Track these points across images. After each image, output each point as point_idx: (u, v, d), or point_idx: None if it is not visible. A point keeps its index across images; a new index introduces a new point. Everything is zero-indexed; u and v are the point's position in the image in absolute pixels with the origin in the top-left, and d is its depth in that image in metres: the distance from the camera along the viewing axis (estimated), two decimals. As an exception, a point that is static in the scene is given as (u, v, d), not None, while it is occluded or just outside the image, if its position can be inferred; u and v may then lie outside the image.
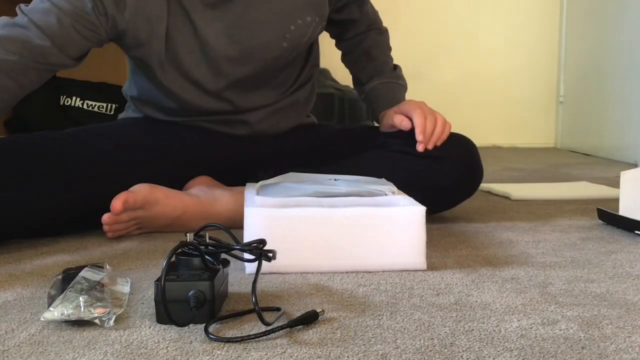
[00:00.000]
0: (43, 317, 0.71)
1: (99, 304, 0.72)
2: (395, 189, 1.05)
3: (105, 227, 1.16)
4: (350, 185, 1.06)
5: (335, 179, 1.11)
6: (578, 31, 3.27)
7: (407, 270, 0.94)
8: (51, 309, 0.72)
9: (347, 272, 0.93)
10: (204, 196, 1.23)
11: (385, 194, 1.02)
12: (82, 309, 0.71)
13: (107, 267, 0.89)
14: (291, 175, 1.18)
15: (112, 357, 0.64)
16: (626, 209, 1.23)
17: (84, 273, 0.83)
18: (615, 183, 1.68)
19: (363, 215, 0.93)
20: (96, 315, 0.71)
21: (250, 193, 1.04)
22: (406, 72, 1.39)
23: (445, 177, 1.23)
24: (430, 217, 1.34)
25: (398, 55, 1.39)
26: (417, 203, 0.97)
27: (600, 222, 1.30)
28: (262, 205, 0.95)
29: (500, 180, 2.00)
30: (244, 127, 1.34)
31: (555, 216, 1.39)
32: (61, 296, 0.75)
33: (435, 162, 1.23)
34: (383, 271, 0.93)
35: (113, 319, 0.71)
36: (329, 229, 0.92)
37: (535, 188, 1.77)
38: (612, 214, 1.26)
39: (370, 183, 1.08)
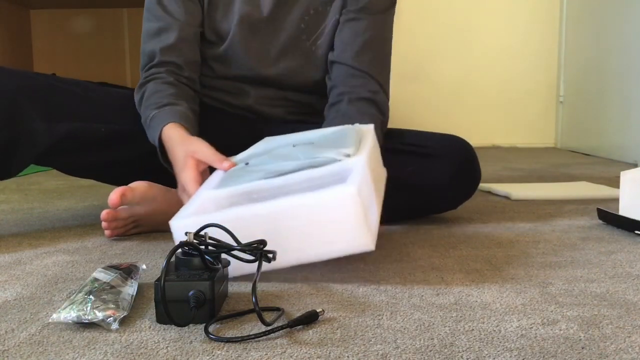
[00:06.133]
0: (51, 319, 0.71)
1: (104, 306, 0.73)
2: (356, 143, 0.99)
3: (104, 225, 1.16)
4: (307, 154, 0.99)
5: (294, 145, 1.05)
6: (578, 31, 3.27)
7: (355, 253, 0.87)
8: (59, 310, 0.72)
9: (292, 266, 0.88)
10: None
11: (339, 160, 0.95)
12: (87, 311, 0.71)
13: (144, 266, 0.90)
14: (264, 141, 1.16)
15: (112, 357, 0.64)
16: (626, 209, 1.23)
17: (97, 274, 0.83)
18: (615, 183, 1.68)
19: (291, 206, 0.85)
20: (101, 317, 0.71)
21: (205, 186, 1.00)
22: (407, 72, 1.38)
23: (439, 176, 1.22)
24: (431, 217, 1.34)
25: (399, 56, 1.39)
26: (356, 180, 0.86)
27: (600, 222, 1.30)
28: (188, 215, 0.90)
29: (500, 180, 2.00)
30: (245, 98, 1.37)
31: (555, 216, 1.39)
32: (71, 297, 0.75)
33: (427, 161, 1.22)
34: (330, 258, 0.88)
35: (117, 321, 0.71)
36: (261, 225, 0.85)
37: (535, 188, 1.77)
38: (612, 214, 1.26)
39: (330, 146, 1.02)
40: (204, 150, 1.07)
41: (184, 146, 1.09)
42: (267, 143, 1.14)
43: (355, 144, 1.00)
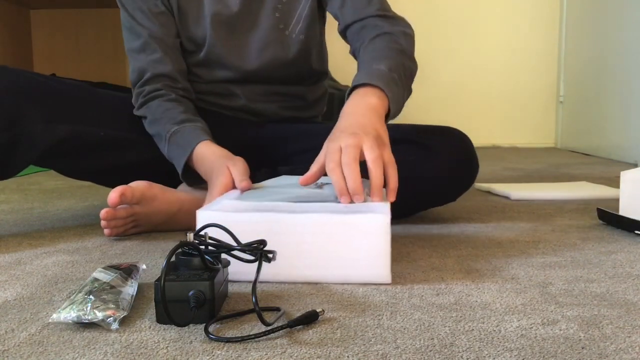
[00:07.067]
0: (51, 319, 0.71)
1: (104, 306, 0.72)
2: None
3: (103, 223, 1.16)
4: (332, 191, 0.99)
5: (322, 184, 1.05)
6: (578, 31, 3.27)
7: (371, 284, 0.87)
8: (59, 310, 0.72)
9: (304, 283, 0.88)
10: (198, 193, 1.24)
11: (364, 201, 0.95)
12: (87, 311, 0.71)
13: (144, 266, 0.90)
14: (283, 178, 1.17)
15: (112, 357, 0.64)
16: (626, 209, 1.23)
17: (96, 274, 0.83)
18: (615, 183, 1.68)
19: (318, 222, 0.85)
20: (101, 317, 0.71)
21: (226, 196, 1.01)
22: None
23: (438, 168, 1.22)
24: (431, 217, 1.34)
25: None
26: (386, 212, 0.86)
27: (600, 222, 1.30)
28: (219, 209, 0.90)
29: (500, 180, 2.01)
30: (237, 99, 1.38)
31: (555, 216, 1.39)
32: (71, 297, 0.76)
33: (427, 153, 1.22)
34: (344, 283, 0.87)
35: (117, 321, 0.71)
36: (281, 235, 0.85)
37: (535, 188, 1.77)
38: (612, 214, 1.26)
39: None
40: (239, 167, 1.10)
41: (226, 158, 1.13)
42: (287, 179, 1.15)
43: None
